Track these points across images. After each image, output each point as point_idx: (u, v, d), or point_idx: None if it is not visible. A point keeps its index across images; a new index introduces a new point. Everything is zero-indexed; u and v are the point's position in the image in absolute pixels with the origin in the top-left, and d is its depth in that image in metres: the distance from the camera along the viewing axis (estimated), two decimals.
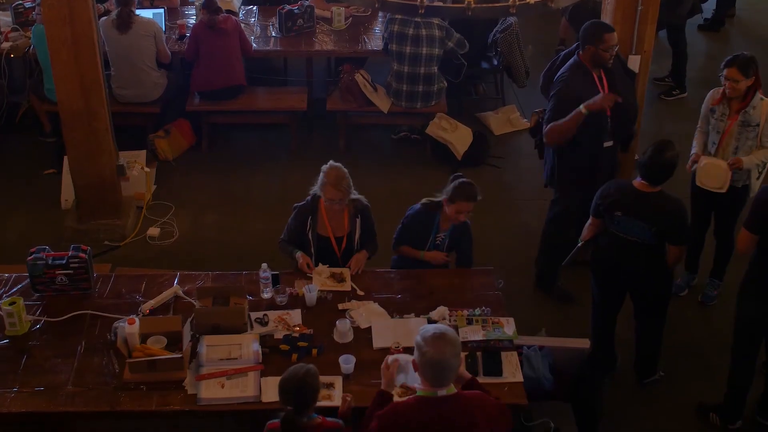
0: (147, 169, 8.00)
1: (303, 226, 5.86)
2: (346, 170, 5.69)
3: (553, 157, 6.61)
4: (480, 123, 9.24)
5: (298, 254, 5.79)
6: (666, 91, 9.74)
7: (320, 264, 5.75)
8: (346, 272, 5.71)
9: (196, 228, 7.78)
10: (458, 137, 8.52)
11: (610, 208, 5.67)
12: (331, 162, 5.73)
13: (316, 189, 5.76)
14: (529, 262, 7.13)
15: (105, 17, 8.27)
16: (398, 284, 5.72)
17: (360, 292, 5.58)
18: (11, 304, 5.15)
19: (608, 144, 6.44)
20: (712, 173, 6.32)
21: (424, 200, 5.96)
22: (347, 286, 5.63)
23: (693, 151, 6.47)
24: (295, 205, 5.93)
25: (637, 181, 5.62)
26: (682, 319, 6.75)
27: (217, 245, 7.52)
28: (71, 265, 5.43)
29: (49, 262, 5.41)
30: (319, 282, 5.58)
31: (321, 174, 5.70)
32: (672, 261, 5.72)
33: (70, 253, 5.44)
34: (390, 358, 4.51)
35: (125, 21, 8.20)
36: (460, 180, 5.73)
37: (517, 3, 3.74)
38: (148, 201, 7.94)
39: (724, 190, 6.31)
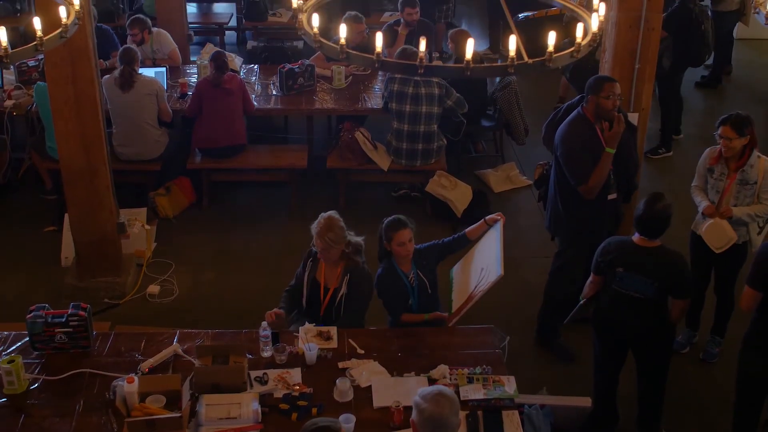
0: (147, 227, 8.01)
1: (303, 268, 5.93)
2: (338, 222, 5.72)
3: (557, 207, 6.62)
4: (480, 180, 9.28)
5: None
6: (652, 150, 9.78)
7: (307, 323, 5.74)
8: (333, 330, 5.68)
9: (196, 286, 7.77)
10: (458, 195, 8.55)
11: (611, 264, 5.66)
12: (330, 212, 5.77)
13: None
14: (529, 320, 7.11)
15: (108, 76, 8.35)
16: (398, 342, 5.70)
17: (360, 351, 5.56)
18: (10, 362, 5.11)
19: (612, 196, 6.47)
20: (716, 233, 6.35)
21: (382, 265, 6.01)
22: (333, 343, 5.60)
23: (702, 204, 6.44)
24: None
25: (636, 237, 5.62)
26: (684, 376, 6.71)
27: (217, 303, 7.50)
28: (71, 323, 5.41)
29: (49, 320, 5.39)
30: (305, 340, 5.56)
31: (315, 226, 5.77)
32: (676, 315, 5.70)
33: (69, 311, 5.42)
34: None
35: (128, 80, 8.28)
36: (386, 220, 5.90)
37: (516, 63, 3.78)
38: (149, 258, 7.94)
39: (729, 245, 6.34)
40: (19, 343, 5.55)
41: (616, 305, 5.74)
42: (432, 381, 5.25)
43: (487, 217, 6.14)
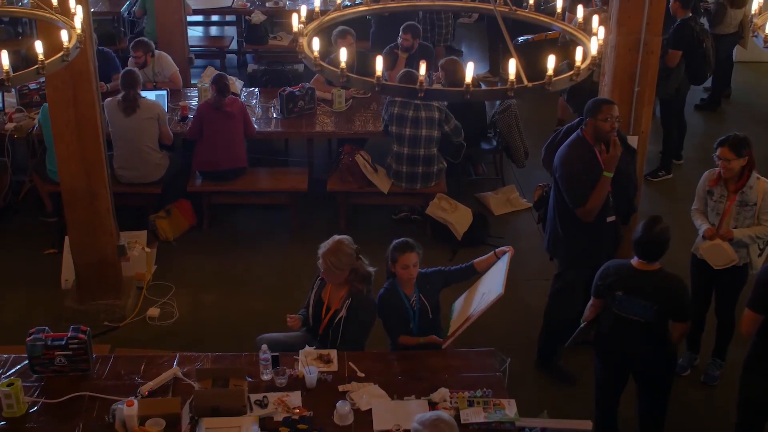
0: (148, 250, 8.02)
1: (313, 285, 6.04)
2: (347, 248, 5.77)
3: (556, 229, 6.63)
4: (480, 203, 9.28)
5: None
6: (652, 173, 9.78)
7: (307, 346, 5.74)
8: (333, 354, 5.68)
9: (196, 308, 7.76)
10: (458, 218, 8.56)
11: (611, 288, 5.66)
12: (342, 236, 5.85)
13: None
14: (529, 343, 7.10)
15: (110, 98, 8.37)
16: (398, 365, 5.69)
17: (360, 374, 5.55)
18: (9, 385, 5.11)
19: (611, 219, 6.48)
20: (716, 253, 6.37)
21: (385, 284, 6.03)
22: (334, 366, 5.59)
23: (703, 227, 6.43)
24: None
25: (635, 261, 5.62)
26: (685, 398, 6.69)
27: (217, 326, 7.49)
28: (70, 346, 5.40)
29: (48, 342, 5.38)
30: (305, 364, 5.55)
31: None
32: (676, 338, 5.69)
33: (69, 333, 5.42)
34: None
35: (130, 103, 8.30)
36: (393, 242, 5.92)
37: (515, 86, 3.79)
38: (149, 281, 7.94)
39: (733, 263, 6.36)
40: (19, 366, 5.55)
41: (617, 328, 5.73)
42: (432, 404, 5.24)
43: (496, 250, 6.17)
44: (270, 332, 6.21)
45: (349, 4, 4.99)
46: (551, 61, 3.81)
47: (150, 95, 8.86)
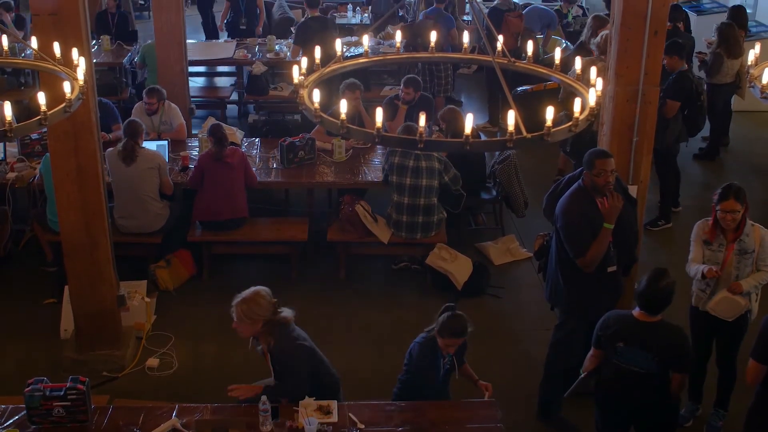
0: (147, 300, 8.00)
1: None
2: (260, 298, 5.72)
3: (557, 279, 6.62)
4: (480, 253, 9.28)
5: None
6: (651, 222, 9.80)
7: (306, 396, 5.71)
8: (332, 404, 5.64)
9: (195, 359, 7.72)
10: (458, 267, 8.55)
11: (612, 339, 5.65)
12: (260, 288, 5.81)
13: None
14: (530, 394, 7.06)
15: (111, 148, 8.42)
16: (399, 417, 5.66)
17: (360, 425, 5.51)
18: None
19: (612, 269, 6.47)
20: (728, 306, 6.33)
21: (419, 340, 5.98)
22: (333, 417, 5.56)
23: (702, 268, 6.28)
24: None
25: (637, 312, 5.61)
26: None
27: (217, 376, 7.44)
28: (69, 397, 5.38)
29: (47, 393, 5.36)
30: (305, 415, 5.51)
31: None
32: (676, 389, 5.67)
33: (68, 384, 5.40)
34: None
35: (131, 153, 8.33)
36: (448, 315, 5.79)
37: (514, 137, 3.81)
38: (148, 331, 7.91)
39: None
40: (17, 417, 5.52)
41: (618, 379, 5.70)
42: None
43: (480, 382, 6.17)
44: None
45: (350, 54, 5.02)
46: (550, 112, 3.83)
47: (151, 145, 8.90)
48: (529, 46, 5.01)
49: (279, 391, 5.73)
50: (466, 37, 5.02)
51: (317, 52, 4.63)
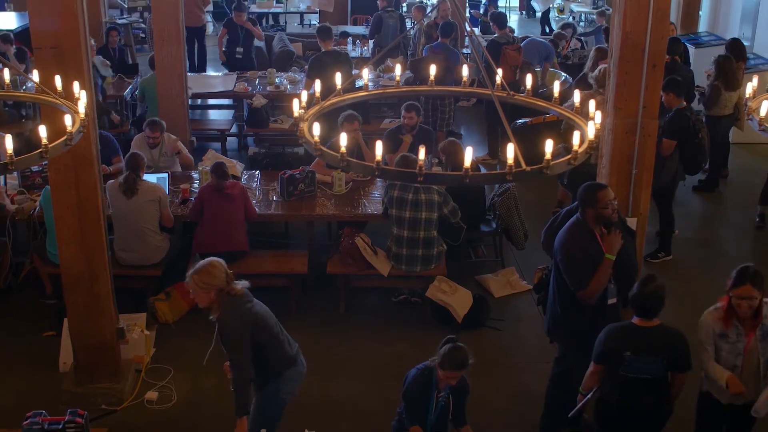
0: (147, 332, 7.98)
1: None
2: (215, 269, 5.82)
3: (557, 312, 6.61)
4: (480, 286, 9.28)
5: None
6: (651, 254, 9.78)
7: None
8: None
9: (195, 392, 7.69)
10: (458, 300, 8.54)
11: (619, 350, 5.68)
12: (215, 258, 5.93)
13: None
14: (530, 428, 7.02)
15: (112, 181, 8.44)
16: None
17: None
18: None
19: (612, 301, 6.48)
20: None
21: (419, 366, 5.96)
22: None
23: (724, 376, 5.65)
24: None
25: (636, 319, 5.70)
26: None
27: (216, 409, 7.42)
28: (67, 430, 5.37)
29: (45, 426, 5.35)
30: None
31: None
32: (677, 390, 5.77)
33: (66, 417, 5.39)
34: None
35: (132, 186, 8.36)
36: (450, 347, 5.80)
37: (514, 170, 3.82)
38: (147, 364, 7.89)
39: None
40: None
41: (622, 392, 5.76)
42: None
43: None
44: None
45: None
46: (549, 146, 3.84)
47: (151, 178, 8.93)
48: (528, 80, 5.04)
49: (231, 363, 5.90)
50: (465, 70, 5.05)
51: (317, 85, 4.65)
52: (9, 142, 4.09)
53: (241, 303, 5.86)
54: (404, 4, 19.45)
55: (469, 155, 3.81)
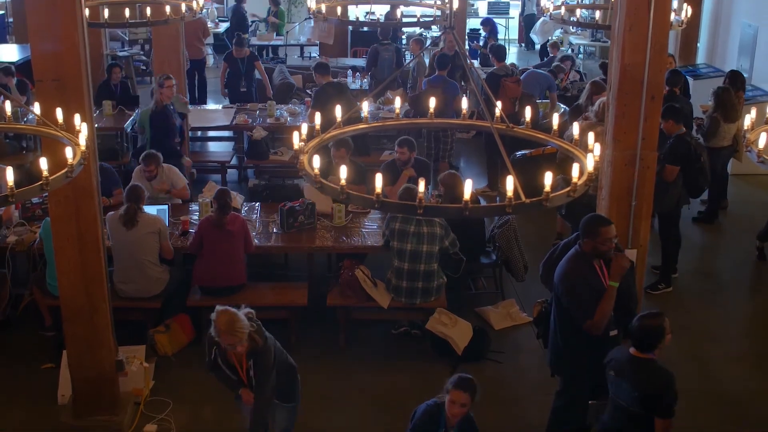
0: (146, 365, 7.96)
1: (212, 357, 6.26)
2: (235, 313, 5.99)
3: (558, 345, 6.60)
4: (480, 318, 9.25)
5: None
6: (651, 286, 9.77)
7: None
8: None
9: (194, 425, 7.66)
10: (458, 332, 8.52)
11: (606, 367, 5.91)
12: (217, 307, 6.03)
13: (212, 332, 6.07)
14: None
15: (112, 212, 8.45)
16: None
17: None
18: None
19: (613, 333, 6.47)
20: None
21: (428, 402, 5.97)
22: None
23: None
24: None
25: (632, 348, 5.79)
26: None
27: None
28: None
29: None
30: None
31: (212, 323, 6.03)
32: None
33: None
34: None
35: (131, 218, 8.36)
36: (459, 374, 5.86)
37: (513, 202, 3.83)
38: (146, 397, 7.86)
39: None
40: None
41: (613, 413, 5.89)
42: None
43: None
44: None
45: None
46: (548, 178, 3.85)
47: (151, 209, 8.93)
48: (527, 112, 5.06)
49: (259, 396, 6.22)
50: (464, 102, 5.07)
51: (317, 117, 4.67)
52: (10, 174, 4.10)
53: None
54: (403, 37, 19.52)
55: (468, 187, 3.82)
